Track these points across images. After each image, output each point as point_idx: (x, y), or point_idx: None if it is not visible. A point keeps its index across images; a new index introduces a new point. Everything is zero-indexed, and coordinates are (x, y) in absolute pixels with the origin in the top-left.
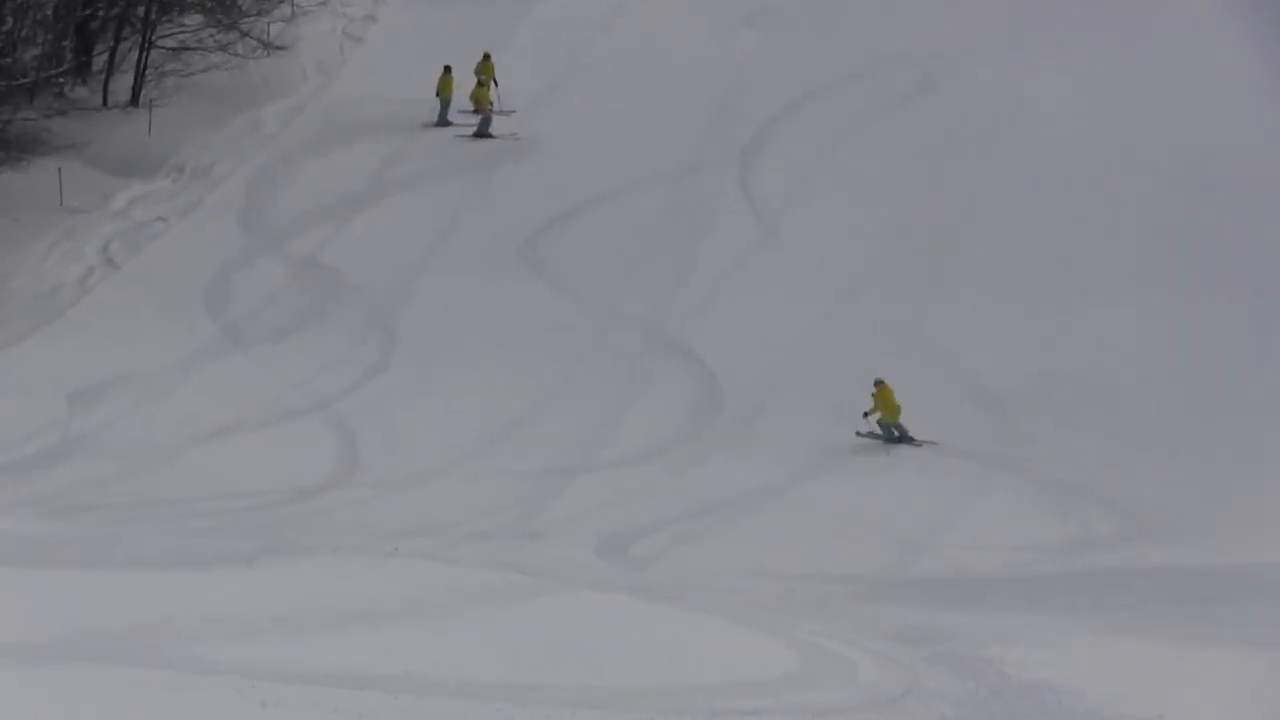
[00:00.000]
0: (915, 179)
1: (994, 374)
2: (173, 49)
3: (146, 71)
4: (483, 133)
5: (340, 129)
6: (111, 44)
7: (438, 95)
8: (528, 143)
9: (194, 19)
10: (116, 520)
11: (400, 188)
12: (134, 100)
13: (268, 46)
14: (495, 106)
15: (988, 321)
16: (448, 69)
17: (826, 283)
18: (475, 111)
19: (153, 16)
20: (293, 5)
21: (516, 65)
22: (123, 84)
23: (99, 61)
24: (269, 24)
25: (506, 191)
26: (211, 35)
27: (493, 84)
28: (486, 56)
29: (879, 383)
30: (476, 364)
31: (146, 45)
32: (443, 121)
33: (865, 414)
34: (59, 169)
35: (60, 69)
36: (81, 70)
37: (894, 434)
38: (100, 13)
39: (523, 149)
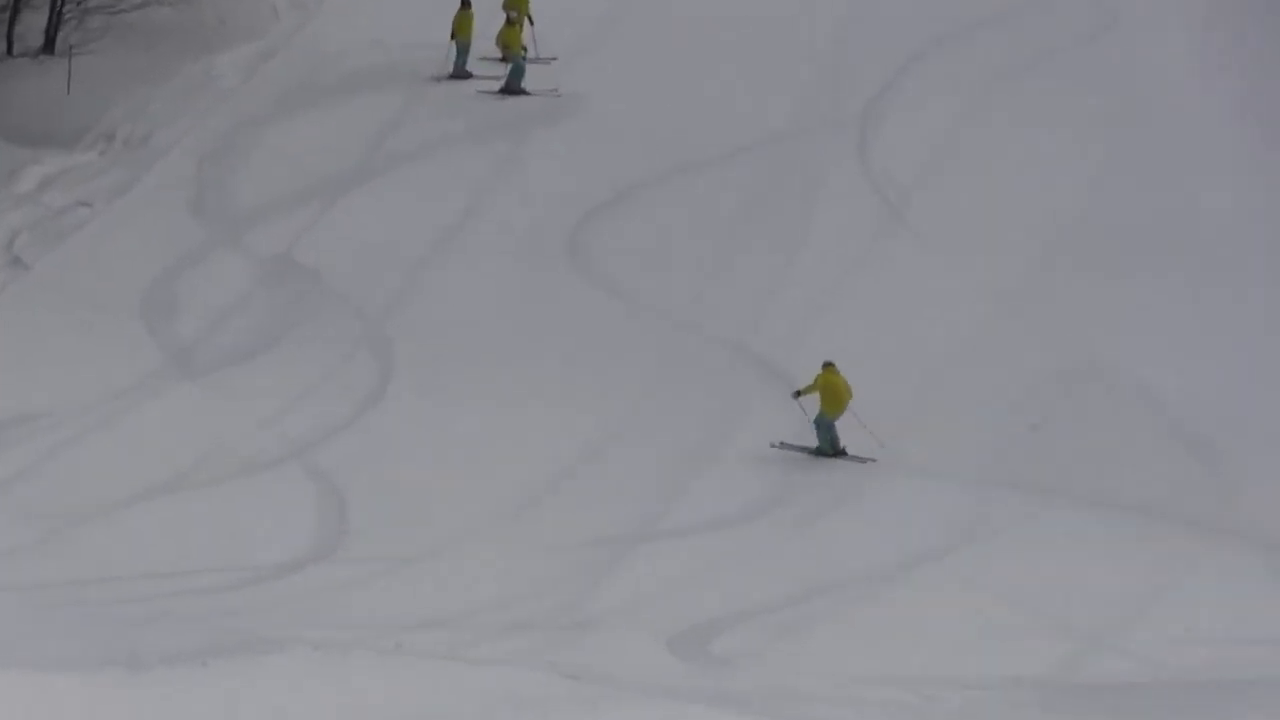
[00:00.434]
0: (1089, 149)
1: (1198, 409)
2: None
3: (64, 8)
4: (513, 88)
5: (322, 85)
6: None
7: (453, 38)
8: (571, 100)
9: None
10: (27, 606)
11: (401, 162)
12: (47, 46)
13: None
14: (529, 53)
15: (1189, 342)
16: (466, 4)
17: (972, 286)
18: (503, 59)
19: None
20: None
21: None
22: (32, 25)
23: None
24: None
25: (543, 165)
26: None
27: (527, 23)
28: None
29: (828, 365)
30: (502, 394)
31: None
32: (460, 73)
33: (796, 393)
34: None
35: None
36: None
37: (831, 441)
38: None
39: (564, 109)
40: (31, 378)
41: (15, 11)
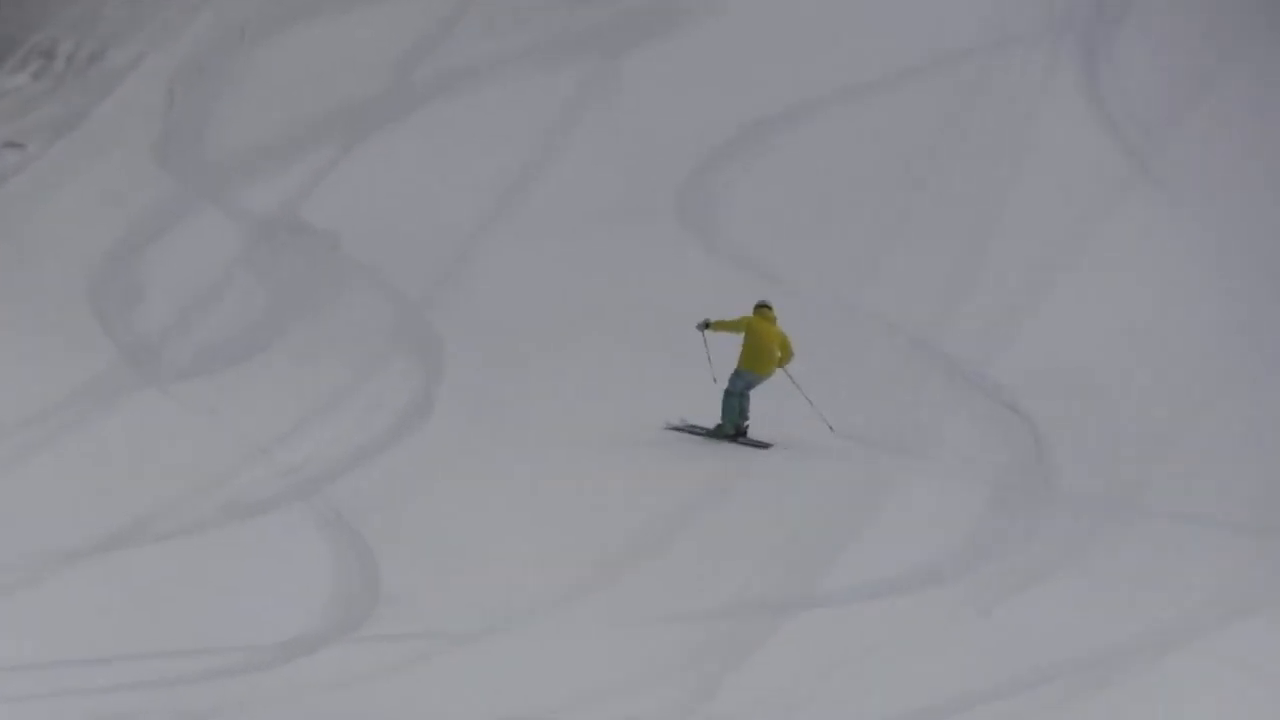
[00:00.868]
0: None
1: None
2: None
3: None
4: None
5: None
6: None
7: None
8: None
9: None
10: None
11: (446, 88)
12: None
13: None
14: None
15: None
16: None
17: (1242, 263)
18: None
19: None
20: None
21: None
22: None
23: None
24: None
25: (643, 93)
26: None
27: None
28: None
29: (761, 306)
30: (590, 403)
31: None
32: None
33: (705, 324)
34: None
35: None
36: None
37: (738, 412)
38: None
39: (675, 13)
40: None
41: None
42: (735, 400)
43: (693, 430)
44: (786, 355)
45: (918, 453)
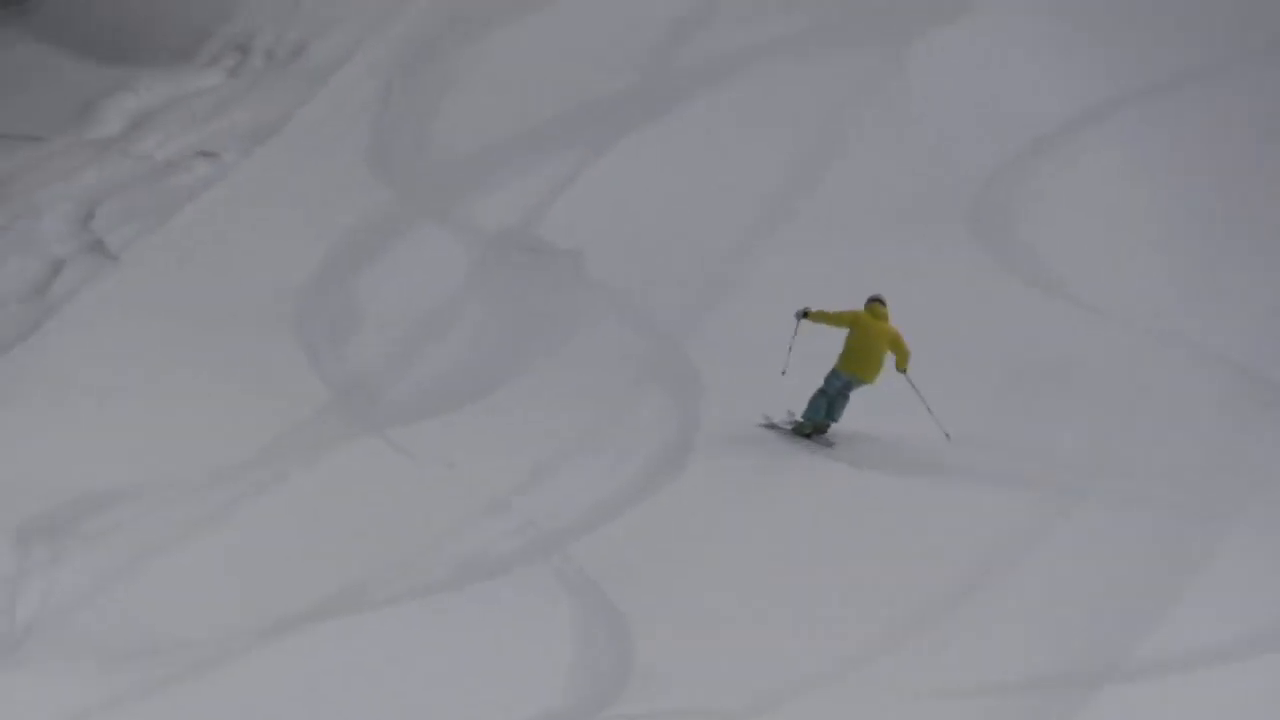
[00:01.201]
0: None
1: None
2: None
3: None
4: None
5: None
6: None
7: None
8: None
9: None
10: None
11: (704, 85)
12: None
13: None
14: None
15: None
16: None
17: None
18: None
19: None
20: None
21: None
22: None
23: None
24: None
25: (933, 83)
26: None
27: None
28: None
29: (874, 301)
30: (866, 451)
31: None
32: None
33: (804, 313)
34: None
35: None
36: None
37: (822, 415)
38: None
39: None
40: (113, 435)
41: None
42: (824, 400)
43: (774, 427)
44: (903, 358)
45: (1241, 496)
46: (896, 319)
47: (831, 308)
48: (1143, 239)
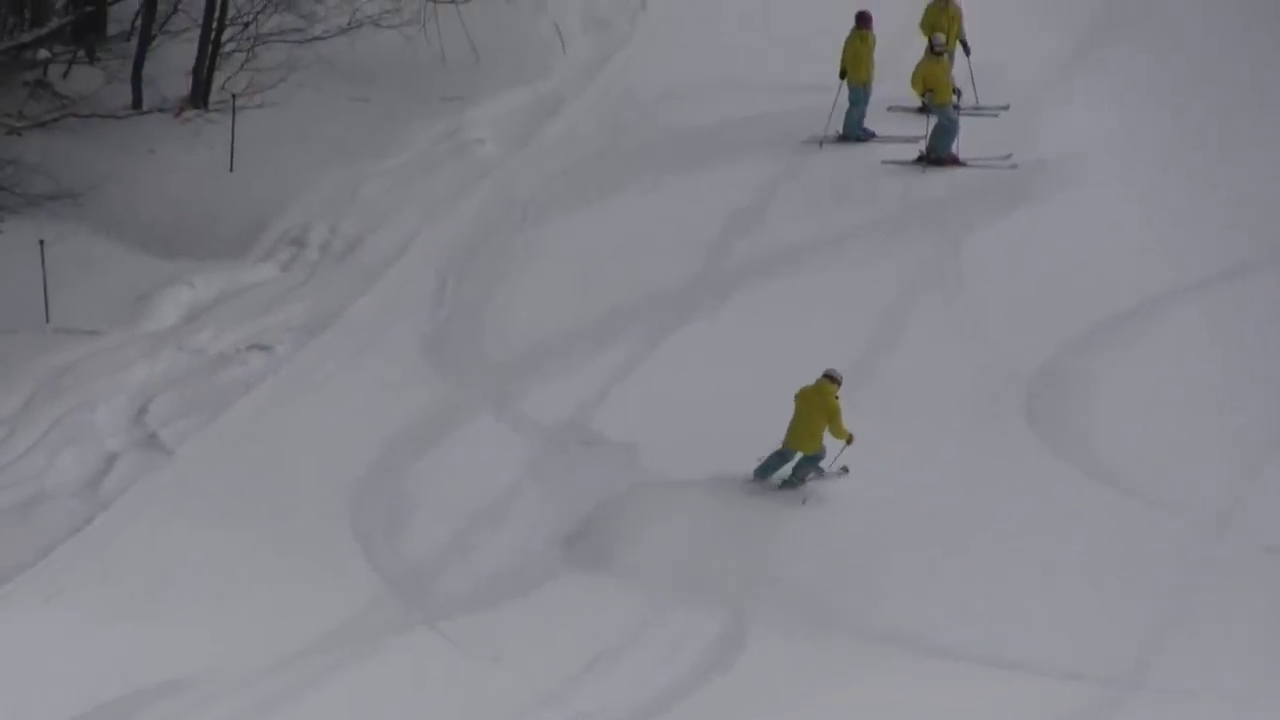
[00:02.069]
0: None
1: None
2: None
3: (224, 34)
4: (939, 154)
5: (632, 154)
6: None
7: (842, 76)
8: (1035, 174)
9: None
10: None
11: (759, 277)
12: (197, 97)
13: None
14: (963, 99)
15: None
16: (863, 21)
17: None
18: (923, 109)
19: None
20: None
21: (1004, 4)
22: (173, 62)
23: (121, 13)
24: None
25: (987, 276)
26: None
27: (960, 52)
28: None
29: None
30: (934, 639)
31: None
32: (855, 133)
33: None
34: (40, 241)
35: (39, 32)
36: (83, 34)
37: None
38: None
39: (1027, 188)
40: (168, 627)
41: (144, 42)
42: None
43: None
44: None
45: None
46: (957, 516)
47: None
48: (1202, 430)
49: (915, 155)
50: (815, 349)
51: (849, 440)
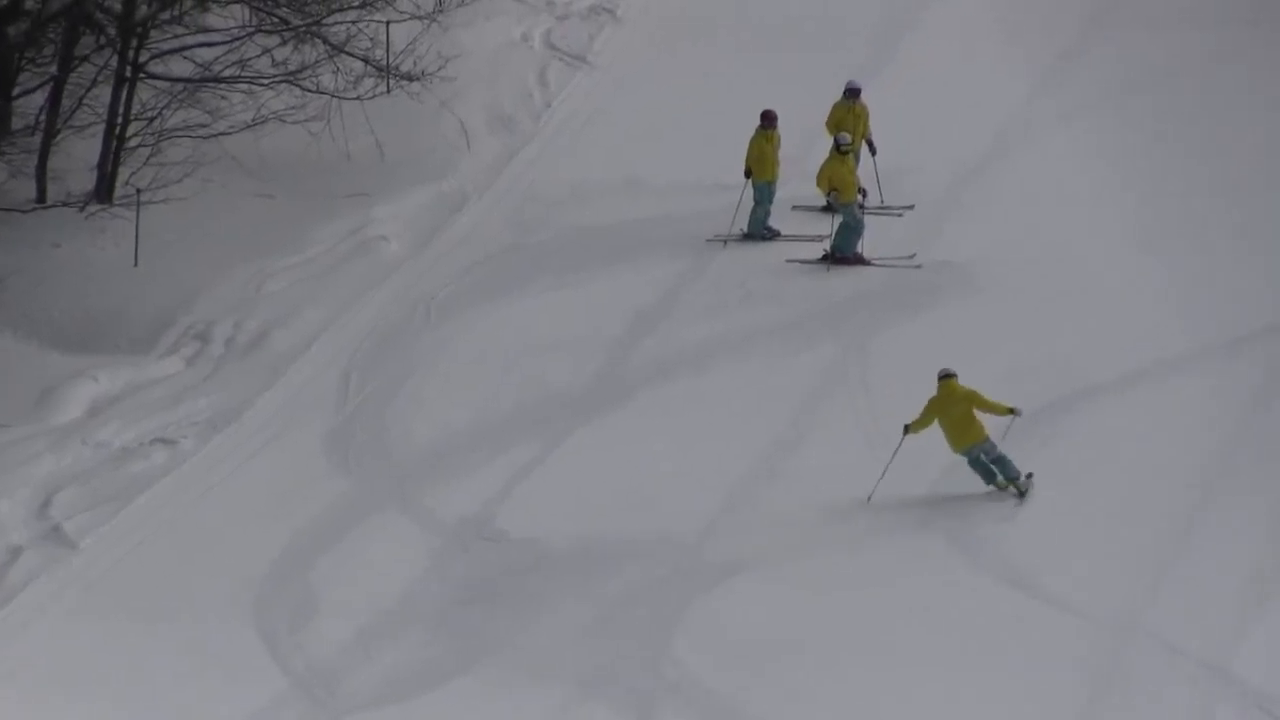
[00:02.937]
0: None
1: None
2: (185, 83)
3: (129, 129)
4: (844, 253)
5: (536, 252)
6: (52, 70)
7: (748, 175)
8: (941, 275)
9: (222, 17)
10: None
11: (665, 373)
12: (102, 191)
13: (388, 77)
14: (868, 198)
15: None
16: (767, 120)
17: None
18: (828, 208)
19: (143, 14)
20: None
21: (911, 106)
22: (78, 157)
23: (26, 107)
24: (387, 25)
25: (899, 380)
26: (266, 54)
27: (865, 152)
28: (850, 92)
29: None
30: None
31: (131, 72)
32: (759, 232)
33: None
34: None
35: None
36: None
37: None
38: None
39: (931, 289)
40: None
41: (49, 137)
42: None
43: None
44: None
45: None
46: (864, 617)
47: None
48: (1120, 522)
49: (820, 254)
50: (718, 449)
51: (1012, 411)
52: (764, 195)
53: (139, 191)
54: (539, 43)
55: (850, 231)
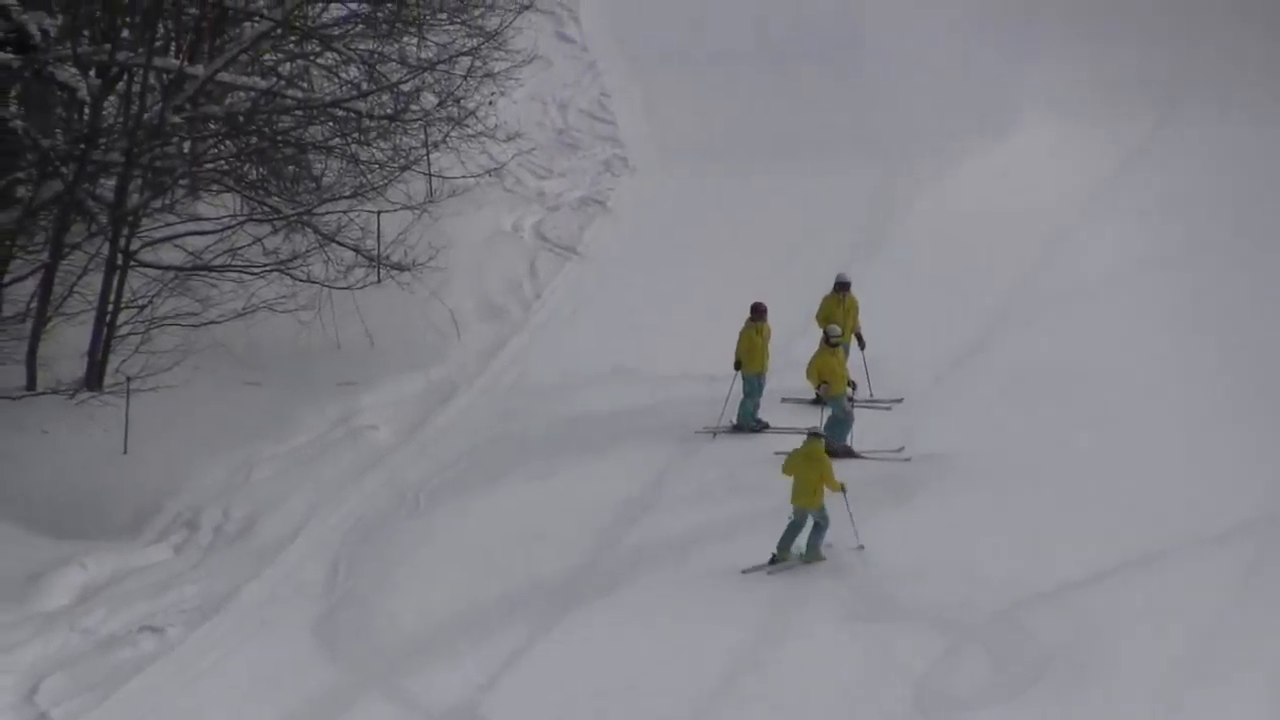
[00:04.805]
0: None
1: None
2: (175, 271)
3: (120, 317)
4: (833, 446)
5: (521, 442)
6: (43, 257)
7: (737, 367)
8: (933, 468)
9: (213, 206)
10: None
11: (653, 558)
12: (92, 379)
13: (379, 267)
14: (857, 392)
15: None
16: (758, 313)
17: None
18: (817, 400)
19: (135, 203)
20: (429, 178)
21: (914, 299)
22: (67, 344)
23: (17, 294)
24: (378, 215)
25: (888, 572)
26: (257, 242)
27: (855, 345)
28: (840, 286)
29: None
30: None
31: (122, 260)
32: (748, 423)
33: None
34: None
35: None
36: None
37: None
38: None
39: (924, 485)
40: None
41: (40, 324)
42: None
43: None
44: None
45: None
46: None
47: None
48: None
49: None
50: (707, 637)
51: (843, 489)
52: (753, 387)
53: (129, 379)
54: (529, 233)
55: (840, 424)
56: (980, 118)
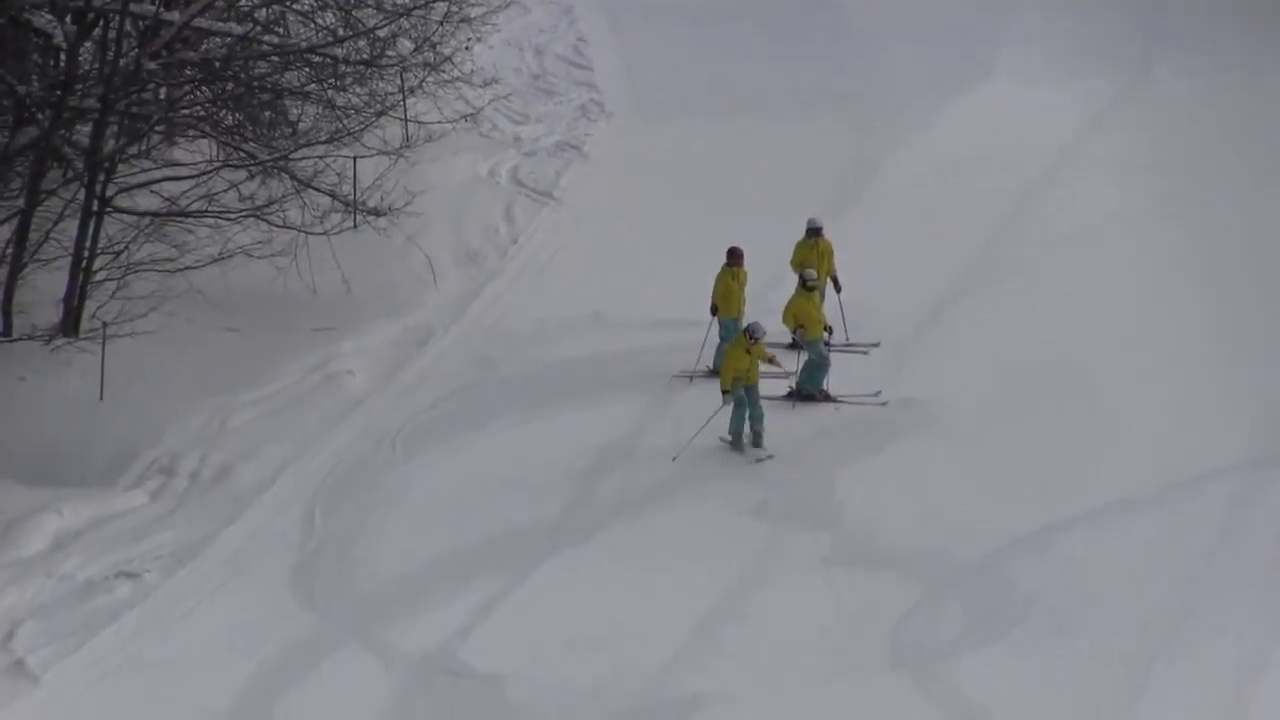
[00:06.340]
0: None
1: None
2: (151, 217)
3: (96, 263)
4: (809, 390)
5: (500, 390)
6: (19, 203)
7: (714, 312)
8: (904, 413)
9: (189, 151)
10: None
11: (632, 506)
12: (68, 325)
13: (355, 213)
14: (833, 336)
15: None
16: (733, 257)
17: None
18: (794, 344)
19: (111, 149)
20: (405, 123)
21: (892, 248)
22: (45, 291)
23: None
24: (354, 160)
25: (863, 518)
26: (233, 188)
27: (831, 289)
28: (813, 231)
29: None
30: None
31: (98, 206)
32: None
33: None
34: None
35: None
36: None
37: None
38: None
39: (894, 426)
40: None
41: (15, 270)
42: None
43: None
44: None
45: None
46: None
47: None
48: (1064, 661)
49: (785, 391)
50: (680, 586)
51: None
52: (730, 332)
53: (105, 325)
54: (506, 179)
55: (816, 368)
56: (958, 70)
